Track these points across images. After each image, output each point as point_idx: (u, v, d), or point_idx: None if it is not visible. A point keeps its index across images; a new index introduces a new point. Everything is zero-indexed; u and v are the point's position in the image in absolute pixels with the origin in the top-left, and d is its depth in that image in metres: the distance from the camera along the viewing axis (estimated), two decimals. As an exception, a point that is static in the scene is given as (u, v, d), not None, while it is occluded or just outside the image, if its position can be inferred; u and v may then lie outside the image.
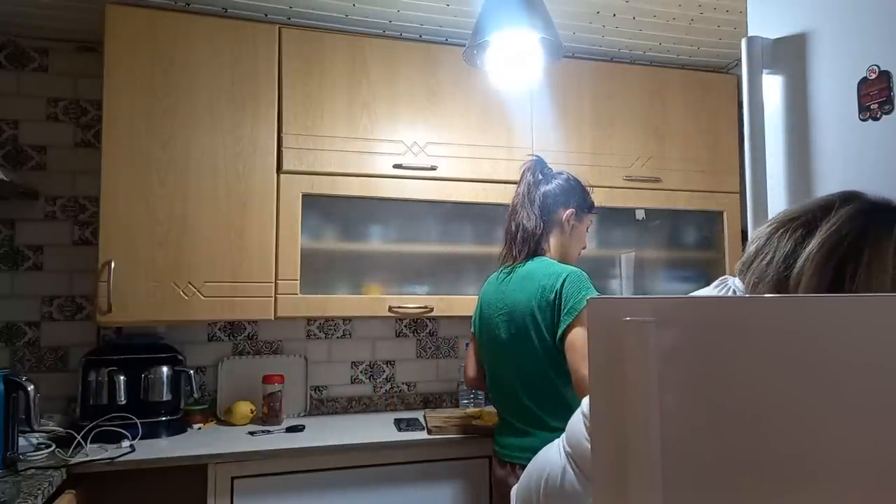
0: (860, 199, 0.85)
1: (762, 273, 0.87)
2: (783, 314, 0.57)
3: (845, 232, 0.81)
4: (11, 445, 1.76)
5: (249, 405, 2.33)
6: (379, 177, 2.33)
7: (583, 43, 2.57)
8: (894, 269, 0.78)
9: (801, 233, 0.84)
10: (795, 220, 0.87)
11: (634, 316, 0.62)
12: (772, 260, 0.87)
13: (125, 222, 2.09)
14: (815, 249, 0.81)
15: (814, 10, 1.07)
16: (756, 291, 0.89)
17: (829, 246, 0.80)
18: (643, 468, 0.60)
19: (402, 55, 2.40)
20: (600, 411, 0.66)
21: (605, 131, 2.61)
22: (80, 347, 2.33)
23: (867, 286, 0.78)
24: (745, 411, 0.58)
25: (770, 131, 1.11)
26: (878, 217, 0.82)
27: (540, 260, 1.76)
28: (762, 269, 0.87)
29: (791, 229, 0.86)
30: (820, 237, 0.81)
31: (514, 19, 1.61)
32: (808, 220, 0.85)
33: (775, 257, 0.86)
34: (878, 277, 0.78)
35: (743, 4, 1.23)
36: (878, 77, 0.95)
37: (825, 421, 0.53)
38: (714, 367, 0.61)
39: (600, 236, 2.63)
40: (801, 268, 0.81)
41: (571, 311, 1.60)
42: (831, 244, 0.80)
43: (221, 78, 2.21)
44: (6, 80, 2.38)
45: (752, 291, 0.90)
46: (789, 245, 0.84)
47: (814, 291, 0.80)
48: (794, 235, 0.85)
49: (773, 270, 0.85)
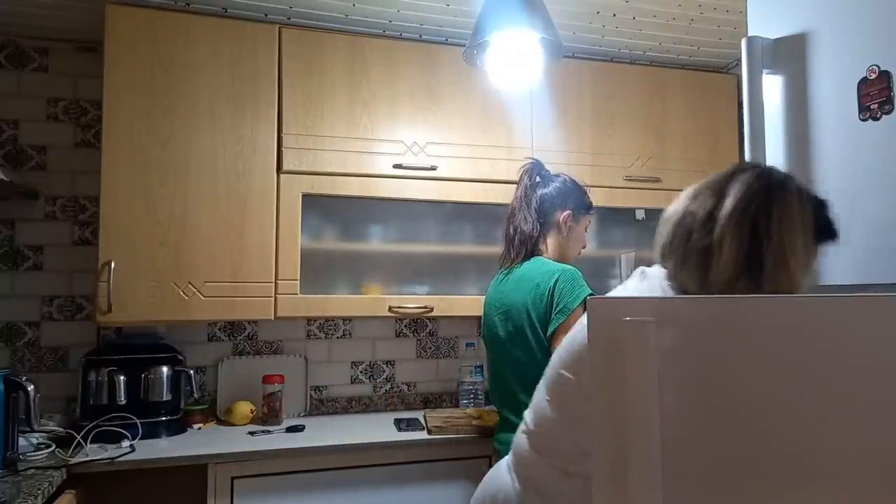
0: (755, 165, 0.95)
1: (685, 248, 0.91)
2: (783, 314, 0.57)
3: (754, 190, 0.88)
4: (11, 445, 1.76)
5: (249, 405, 2.33)
6: (379, 177, 2.33)
7: (583, 43, 2.57)
8: (801, 220, 0.87)
9: (713, 199, 0.90)
10: (702, 192, 0.93)
11: (634, 316, 0.62)
12: (690, 232, 0.91)
13: (125, 222, 2.09)
14: (730, 208, 0.88)
15: (814, 10, 1.07)
16: (683, 269, 0.92)
17: (742, 204, 0.88)
18: (643, 468, 0.60)
19: (402, 55, 2.40)
20: (600, 411, 0.66)
21: (605, 131, 2.61)
22: (80, 347, 2.33)
23: (780, 239, 0.85)
24: (745, 411, 0.58)
25: (770, 131, 1.11)
26: (774, 177, 0.91)
27: (536, 260, 1.78)
28: (684, 245, 0.91)
29: (702, 198, 0.92)
30: (733, 197, 0.88)
31: (514, 19, 1.61)
32: (715, 188, 0.91)
33: (694, 227, 0.91)
34: (789, 230, 0.86)
35: (743, 4, 1.23)
36: (878, 77, 0.95)
37: (824, 421, 0.53)
38: (714, 367, 0.61)
39: (600, 236, 2.63)
40: (721, 229, 0.88)
41: (564, 310, 1.61)
42: (744, 202, 0.88)
43: (221, 78, 2.21)
44: (6, 80, 2.38)
45: (679, 271, 0.92)
46: (704, 210, 0.90)
47: (736, 251, 0.86)
48: (707, 203, 0.90)
49: (696, 240, 0.90)
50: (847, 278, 0.99)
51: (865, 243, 0.96)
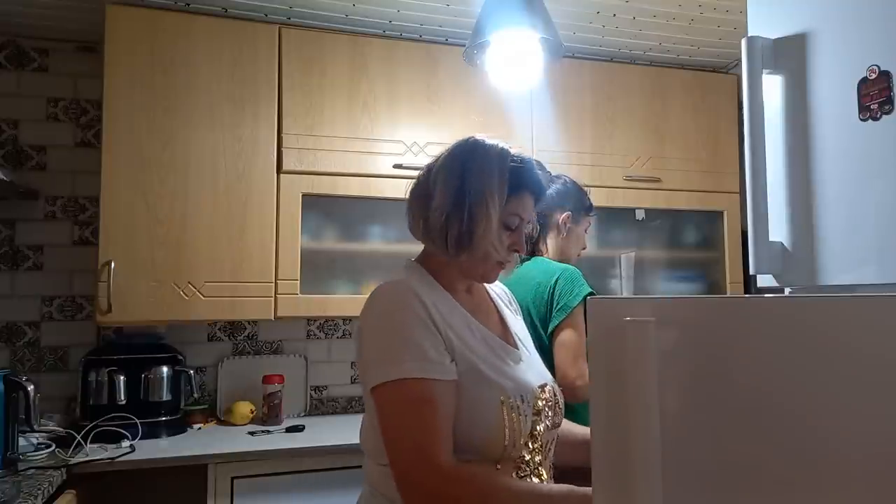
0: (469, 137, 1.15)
1: (410, 198, 1.15)
2: (783, 314, 0.57)
3: (459, 147, 1.12)
4: (11, 445, 1.76)
5: (249, 405, 2.33)
6: (379, 177, 2.33)
7: (583, 43, 2.57)
8: (498, 169, 1.08)
9: (433, 160, 1.14)
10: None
11: (634, 316, 0.62)
12: (415, 187, 1.15)
13: (125, 222, 2.09)
14: (440, 163, 1.11)
15: (814, 10, 1.07)
16: (409, 214, 1.16)
17: (448, 159, 1.10)
18: (643, 468, 0.60)
19: (402, 55, 2.40)
20: (600, 411, 0.66)
21: (606, 131, 2.61)
22: (80, 347, 2.33)
23: (480, 184, 1.05)
24: (745, 411, 0.58)
25: (770, 131, 1.11)
26: (479, 140, 1.13)
27: (537, 260, 1.78)
28: (411, 196, 1.15)
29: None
30: (443, 156, 1.12)
31: (515, 19, 1.61)
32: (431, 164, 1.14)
33: (418, 181, 1.14)
34: (488, 179, 1.07)
35: (743, 4, 1.23)
36: (878, 77, 0.95)
37: (824, 421, 0.53)
38: (714, 367, 0.61)
39: (600, 236, 2.63)
40: (434, 177, 1.09)
41: (564, 308, 1.62)
42: (449, 157, 1.11)
43: (221, 78, 2.21)
44: (6, 80, 2.38)
45: (411, 222, 1.15)
46: (425, 169, 1.14)
47: (443, 194, 1.06)
48: (423, 174, 1.14)
49: (415, 188, 1.15)
50: (847, 278, 0.99)
51: (865, 243, 0.96)
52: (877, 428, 0.51)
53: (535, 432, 1.04)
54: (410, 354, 0.96)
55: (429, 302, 1.01)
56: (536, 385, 1.08)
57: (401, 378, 0.95)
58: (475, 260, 1.08)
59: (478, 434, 0.99)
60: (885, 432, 0.50)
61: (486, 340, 1.07)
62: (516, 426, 1.01)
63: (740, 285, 2.72)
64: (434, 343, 0.98)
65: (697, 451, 0.61)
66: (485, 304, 1.19)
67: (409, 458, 0.94)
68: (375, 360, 1.00)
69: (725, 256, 2.72)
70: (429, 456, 0.93)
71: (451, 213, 1.05)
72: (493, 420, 0.99)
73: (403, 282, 1.06)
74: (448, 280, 1.11)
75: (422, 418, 0.94)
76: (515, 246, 1.12)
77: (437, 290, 1.08)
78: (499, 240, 1.07)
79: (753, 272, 1.11)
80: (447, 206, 1.06)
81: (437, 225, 1.07)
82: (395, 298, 1.02)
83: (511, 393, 1.02)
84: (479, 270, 1.11)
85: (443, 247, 1.08)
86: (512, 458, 1.02)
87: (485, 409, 0.99)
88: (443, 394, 0.96)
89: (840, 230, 1.00)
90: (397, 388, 0.96)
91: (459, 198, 1.05)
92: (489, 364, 1.03)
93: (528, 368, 1.12)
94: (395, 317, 1.00)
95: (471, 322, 1.08)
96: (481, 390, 1.00)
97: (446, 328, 1.01)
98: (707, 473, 0.61)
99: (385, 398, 0.98)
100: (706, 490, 0.61)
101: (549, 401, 1.10)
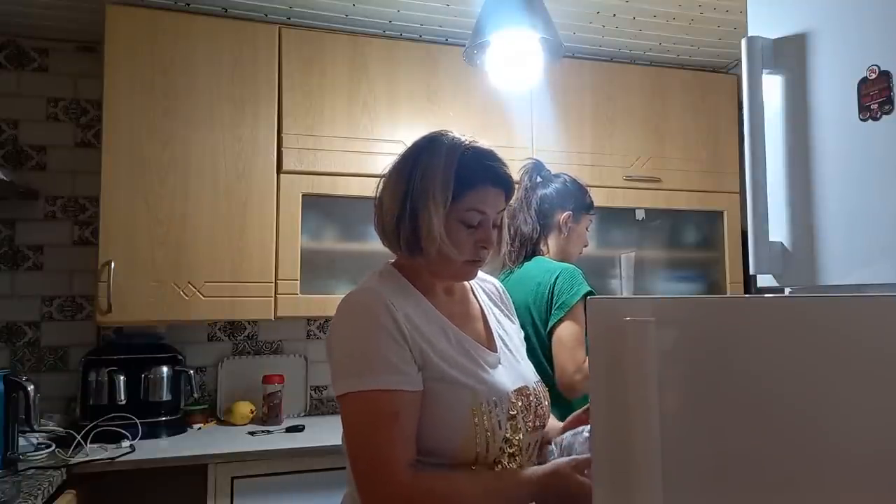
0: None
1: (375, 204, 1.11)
2: (783, 314, 0.57)
3: (410, 148, 1.09)
4: (11, 445, 1.76)
5: (249, 405, 2.33)
6: (379, 177, 2.32)
7: (583, 43, 2.57)
8: (443, 167, 1.03)
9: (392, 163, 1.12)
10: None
11: (634, 316, 0.62)
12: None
13: (125, 222, 2.09)
14: (391, 165, 1.11)
15: (814, 10, 1.07)
16: (376, 225, 1.10)
17: (399, 162, 1.09)
18: (643, 468, 0.60)
19: (402, 55, 2.40)
20: (600, 411, 0.66)
21: (606, 131, 2.61)
22: (80, 347, 2.32)
23: (423, 183, 1.02)
24: (745, 411, 0.58)
25: (770, 131, 1.11)
26: (431, 137, 1.09)
27: (537, 260, 1.79)
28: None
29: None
30: (395, 158, 1.11)
31: (515, 19, 1.61)
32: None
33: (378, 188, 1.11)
34: (431, 177, 1.02)
35: (743, 4, 1.23)
36: (878, 77, 0.95)
37: (824, 420, 0.53)
38: (714, 367, 0.61)
39: (600, 236, 2.63)
40: (384, 182, 1.09)
41: (563, 306, 1.62)
42: (401, 160, 1.09)
43: (221, 78, 2.21)
44: (6, 80, 2.38)
45: (377, 228, 1.10)
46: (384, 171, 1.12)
47: (392, 196, 1.05)
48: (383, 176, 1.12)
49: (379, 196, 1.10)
50: (847, 278, 0.99)
51: (865, 243, 0.96)
52: (877, 428, 0.51)
53: (509, 436, 1.02)
54: (375, 365, 0.95)
55: (398, 311, 0.98)
56: (512, 389, 1.05)
57: (365, 389, 0.95)
58: (436, 262, 1.04)
59: (450, 440, 0.98)
60: (885, 433, 0.50)
61: (461, 344, 1.05)
62: (489, 431, 0.99)
63: (740, 285, 2.72)
64: (400, 354, 0.96)
65: (697, 451, 0.61)
66: (465, 306, 1.15)
67: (369, 472, 0.94)
68: (341, 370, 0.99)
69: (725, 256, 2.72)
70: (388, 472, 0.92)
71: (399, 217, 1.03)
72: (463, 426, 0.98)
73: (373, 289, 1.02)
74: (425, 283, 1.08)
75: (383, 431, 0.94)
76: (483, 242, 1.05)
77: (410, 296, 1.05)
78: (455, 239, 1.02)
79: (753, 272, 1.11)
80: (396, 209, 1.04)
81: (390, 229, 1.05)
82: (364, 308, 1.00)
83: (483, 398, 1.00)
84: (448, 271, 1.07)
85: (398, 251, 1.06)
86: (488, 463, 1.01)
87: (455, 416, 0.98)
88: (406, 405, 0.95)
89: (840, 230, 1.00)
90: (361, 400, 0.95)
91: (405, 200, 1.03)
92: (462, 369, 1.01)
93: (507, 371, 1.09)
94: (362, 327, 0.98)
95: (446, 327, 1.05)
96: (452, 396, 0.99)
97: (416, 337, 0.99)
98: (707, 473, 0.61)
99: (349, 409, 0.97)
100: (706, 489, 0.61)
101: (526, 404, 1.07)
